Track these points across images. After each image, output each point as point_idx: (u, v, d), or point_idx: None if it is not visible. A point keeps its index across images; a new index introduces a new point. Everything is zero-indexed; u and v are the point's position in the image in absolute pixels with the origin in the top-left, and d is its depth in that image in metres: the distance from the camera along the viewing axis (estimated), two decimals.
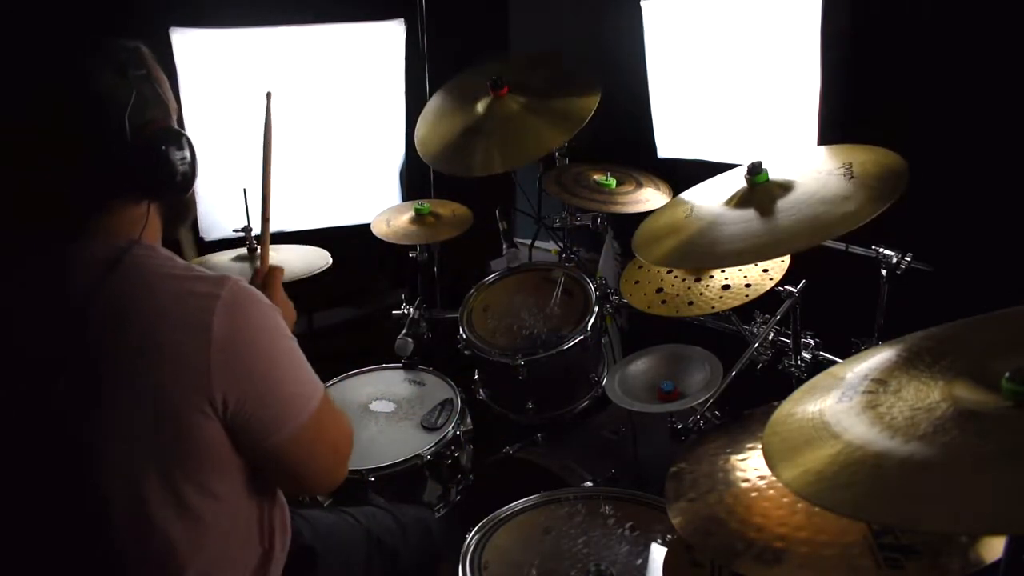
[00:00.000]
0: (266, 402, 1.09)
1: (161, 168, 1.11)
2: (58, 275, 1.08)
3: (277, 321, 1.13)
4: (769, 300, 1.68)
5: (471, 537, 1.53)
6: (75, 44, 1.11)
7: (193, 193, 1.25)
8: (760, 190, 1.48)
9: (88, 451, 1.05)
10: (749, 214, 1.45)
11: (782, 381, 1.78)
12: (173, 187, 1.14)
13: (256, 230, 2.16)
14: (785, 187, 1.46)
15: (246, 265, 2.12)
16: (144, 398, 1.03)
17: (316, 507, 1.96)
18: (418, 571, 1.52)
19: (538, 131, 2.18)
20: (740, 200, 1.50)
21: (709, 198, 1.59)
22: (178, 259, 1.13)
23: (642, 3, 2.49)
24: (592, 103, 2.12)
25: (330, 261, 2.12)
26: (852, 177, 1.39)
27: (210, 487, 1.10)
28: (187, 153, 1.14)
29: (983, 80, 1.94)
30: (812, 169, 1.48)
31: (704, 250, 1.47)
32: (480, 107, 2.26)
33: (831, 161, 1.47)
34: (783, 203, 1.42)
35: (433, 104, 2.43)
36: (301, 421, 1.13)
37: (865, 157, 1.44)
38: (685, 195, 1.70)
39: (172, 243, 1.24)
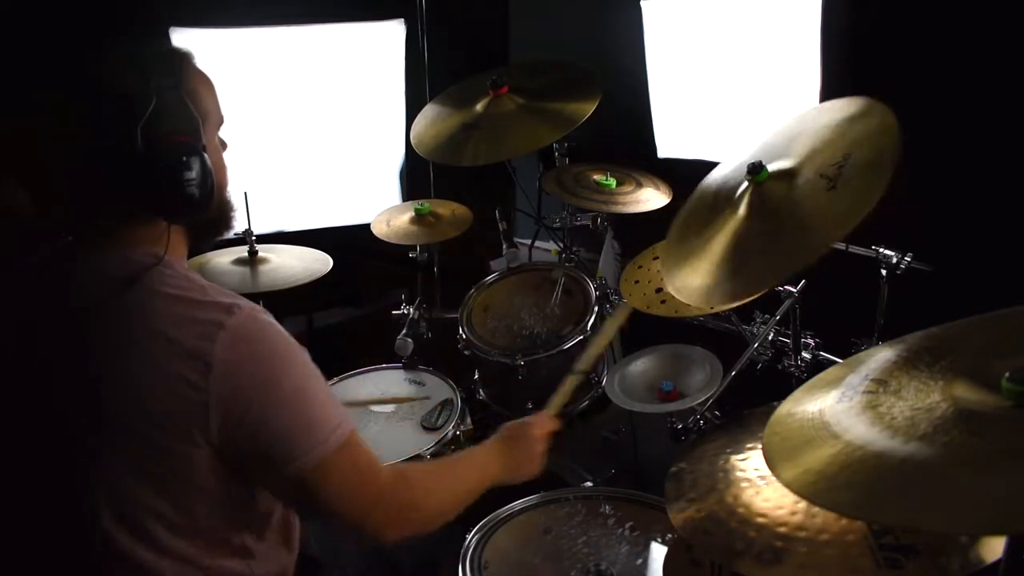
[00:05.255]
0: (273, 433, 1.04)
1: (168, 188, 1.05)
2: (74, 283, 1.07)
3: (290, 353, 1.07)
4: (769, 300, 1.68)
5: (471, 537, 1.53)
6: (91, 46, 1.07)
7: (228, 206, 1.20)
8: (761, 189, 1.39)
9: (81, 463, 1.04)
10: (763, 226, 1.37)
11: (782, 381, 1.78)
12: (181, 209, 1.08)
13: (256, 231, 2.16)
14: (786, 182, 1.35)
15: (246, 269, 2.12)
16: (137, 419, 1.01)
17: None
18: (419, 573, 1.52)
19: (529, 128, 2.17)
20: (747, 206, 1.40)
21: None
22: (196, 279, 1.09)
23: (642, 3, 2.49)
24: (589, 107, 2.12)
25: (330, 266, 2.12)
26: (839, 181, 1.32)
27: (193, 513, 1.08)
28: (197, 174, 1.06)
29: (983, 80, 1.94)
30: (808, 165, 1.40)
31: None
32: (479, 107, 2.26)
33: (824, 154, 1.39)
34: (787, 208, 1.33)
35: (432, 104, 2.43)
36: (319, 453, 1.06)
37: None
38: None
39: None
